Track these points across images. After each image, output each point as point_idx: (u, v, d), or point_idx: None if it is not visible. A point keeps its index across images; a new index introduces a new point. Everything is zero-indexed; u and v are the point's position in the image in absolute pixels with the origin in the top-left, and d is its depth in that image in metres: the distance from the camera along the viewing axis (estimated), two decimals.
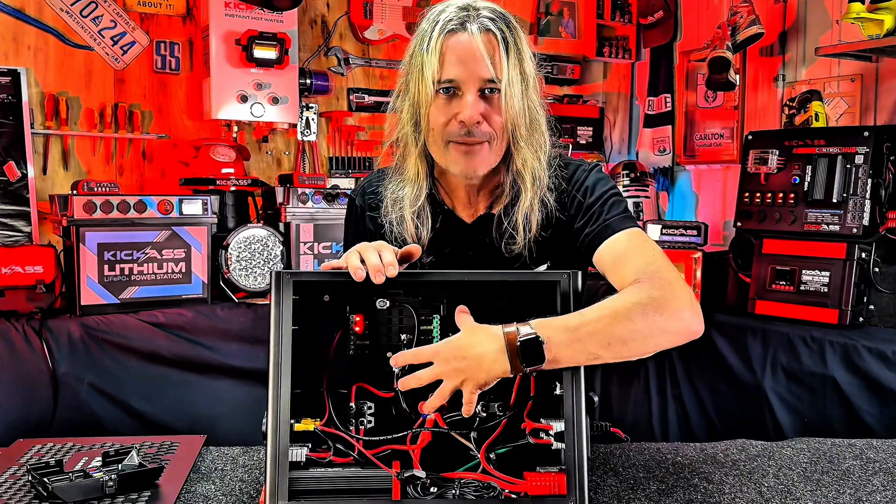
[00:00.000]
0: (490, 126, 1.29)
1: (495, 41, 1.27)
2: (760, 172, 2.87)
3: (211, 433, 1.53)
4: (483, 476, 1.11)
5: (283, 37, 3.28)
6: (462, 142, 1.29)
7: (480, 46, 1.26)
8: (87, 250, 2.64)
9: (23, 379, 2.47)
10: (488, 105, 1.29)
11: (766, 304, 2.80)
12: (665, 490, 1.24)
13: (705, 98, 3.87)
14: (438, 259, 1.42)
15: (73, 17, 3.21)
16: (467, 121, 1.27)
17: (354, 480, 1.11)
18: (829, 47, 3.04)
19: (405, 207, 1.37)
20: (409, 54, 1.34)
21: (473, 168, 1.31)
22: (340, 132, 3.76)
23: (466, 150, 1.30)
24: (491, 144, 1.31)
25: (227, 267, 2.91)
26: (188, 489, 1.25)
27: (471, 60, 1.26)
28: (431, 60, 1.27)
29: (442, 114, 1.29)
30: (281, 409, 1.08)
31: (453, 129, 1.29)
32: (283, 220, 3.04)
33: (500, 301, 1.18)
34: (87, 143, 3.27)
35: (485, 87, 1.28)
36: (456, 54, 1.27)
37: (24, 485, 1.23)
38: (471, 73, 1.27)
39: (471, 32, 1.27)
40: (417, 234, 1.37)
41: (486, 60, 1.26)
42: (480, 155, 1.30)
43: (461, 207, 1.43)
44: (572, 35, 4.19)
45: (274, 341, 1.09)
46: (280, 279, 1.11)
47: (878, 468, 1.36)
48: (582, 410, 1.09)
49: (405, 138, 1.37)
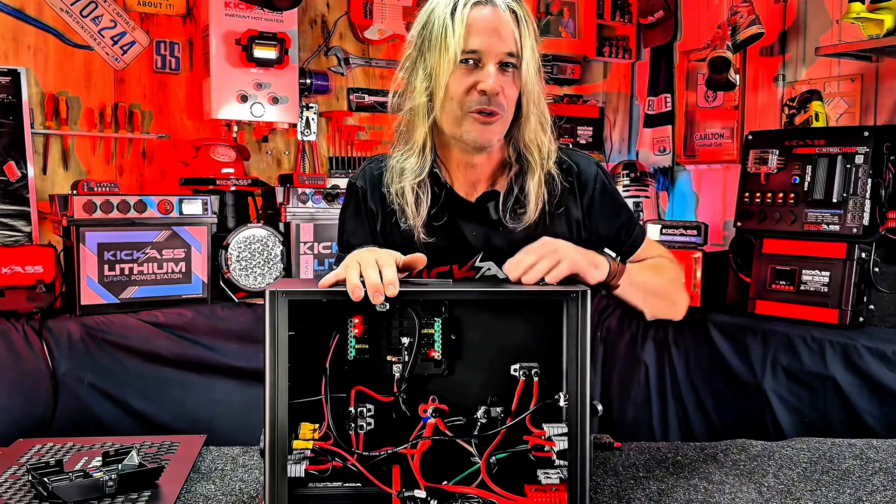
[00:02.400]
0: (504, 99, 1.35)
1: (517, 19, 1.34)
2: (760, 172, 2.87)
3: (211, 433, 1.53)
4: (485, 493, 1.10)
5: (283, 37, 3.28)
6: (480, 111, 1.34)
7: (506, 21, 1.33)
8: (87, 250, 2.64)
9: (23, 379, 2.47)
10: (505, 78, 1.35)
11: (767, 304, 2.80)
12: (665, 490, 1.24)
13: (705, 98, 3.87)
14: (442, 240, 1.43)
15: (73, 16, 3.21)
16: (489, 90, 1.32)
17: (355, 498, 1.11)
18: (829, 47, 3.04)
19: (406, 178, 1.39)
20: (422, 24, 1.38)
21: (488, 137, 1.36)
22: (340, 132, 3.76)
23: (483, 120, 1.35)
24: (503, 116, 1.36)
25: (227, 267, 2.92)
26: (188, 489, 1.25)
27: (494, 33, 1.32)
28: (457, 30, 1.31)
29: (462, 83, 1.33)
30: (278, 428, 1.06)
31: (473, 99, 1.33)
32: (283, 220, 3.04)
33: (504, 309, 1.17)
34: (87, 143, 3.27)
35: (504, 61, 1.34)
36: (481, 25, 1.32)
37: (24, 485, 1.23)
38: (495, 44, 1.32)
39: (496, 4, 1.34)
40: (417, 205, 1.40)
41: (510, 34, 1.33)
42: (495, 125, 1.36)
43: (462, 187, 1.45)
44: (572, 35, 4.19)
45: (270, 362, 1.06)
46: (275, 299, 1.05)
47: (878, 468, 1.36)
48: (586, 427, 1.07)
49: (417, 109, 1.39)
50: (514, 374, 1.12)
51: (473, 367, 1.17)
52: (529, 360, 1.13)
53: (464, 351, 1.17)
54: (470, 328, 1.17)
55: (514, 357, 1.14)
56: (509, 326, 1.17)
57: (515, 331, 1.17)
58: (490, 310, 1.16)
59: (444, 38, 1.32)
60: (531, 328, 1.16)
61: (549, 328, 1.12)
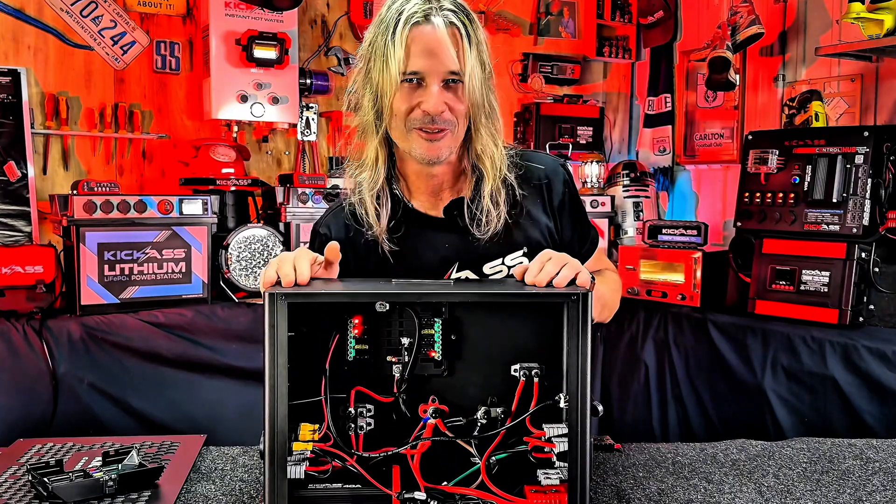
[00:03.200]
0: (452, 115, 1.34)
1: (459, 34, 1.32)
2: (760, 172, 2.87)
3: (211, 433, 1.53)
4: (485, 494, 1.10)
5: (283, 37, 3.28)
6: (424, 129, 1.34)
7: (445, 39, 1.30)
8: (87, 250, 2.64)
9: (23, 379, 2.47)
10: (450, 94, 1.33)
11: (767, 304, 2.80)
12: (665, 490, 1.24)
13: (705, 98, 3.87)
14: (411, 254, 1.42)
15: (73, 16, 3.21)
16: (432, 111, 1.32)
17: (355, 499, 1.11)
18: (829, 47, 3.04)
19: (364, 191, 1.41)
20: (369, 42, 1.37)
21: (436, 154, 1.36)
22: (340, 132, 3.76)
23: (429, 137, 1.34)
24: (452, 132, 1.35)
25: (227, 267, 2.92)
26: (188, 489, 1.25)
27: (435, 53, 1.31)
28: (397, 52, 1.30)
29: (405, 102, 1.33)
30: (278, 430, 1.06)
31: (416, 117, 1.33)
32: (283, 219, 3.04)
33: (505, 310, 1.17)
34: (87, 143, 3.28)
35: (448, 79, 1.32)
36: (420, 47, 1.30)
37: (24, 485, 1.23)
38: (435, 65, 1.31)
39: (435, 25, 1.31)
40: (378, 216, 1.40)
41: (451, 53, 1.31)
42: (442, 141, 1.35)
43: (426, 198, 1.45)
44: (572, 35, 4.19)
45: (269, 363, 1.06)
46: (275, 301, 1.05)
47: (878, 468, 1.36)
48: (587, 428, 1.07)
49: (365, 125, 1.40)
50: (515, 374, 1.12)
51: (473, 368, 1.17)
52: (530, 360, 1.12)
53: (464, 351, 1.17)
54: (470, 329, 1.17)
55: (514, 357, 1.13)
56: (509, 327, 1.16)
57: (515, 332, 1.16)
58: (490, 311, 1.16)
59: (386, 58, 1.31)
60: (531, 329, 1.16)
61: (550, 329, 1.12)
